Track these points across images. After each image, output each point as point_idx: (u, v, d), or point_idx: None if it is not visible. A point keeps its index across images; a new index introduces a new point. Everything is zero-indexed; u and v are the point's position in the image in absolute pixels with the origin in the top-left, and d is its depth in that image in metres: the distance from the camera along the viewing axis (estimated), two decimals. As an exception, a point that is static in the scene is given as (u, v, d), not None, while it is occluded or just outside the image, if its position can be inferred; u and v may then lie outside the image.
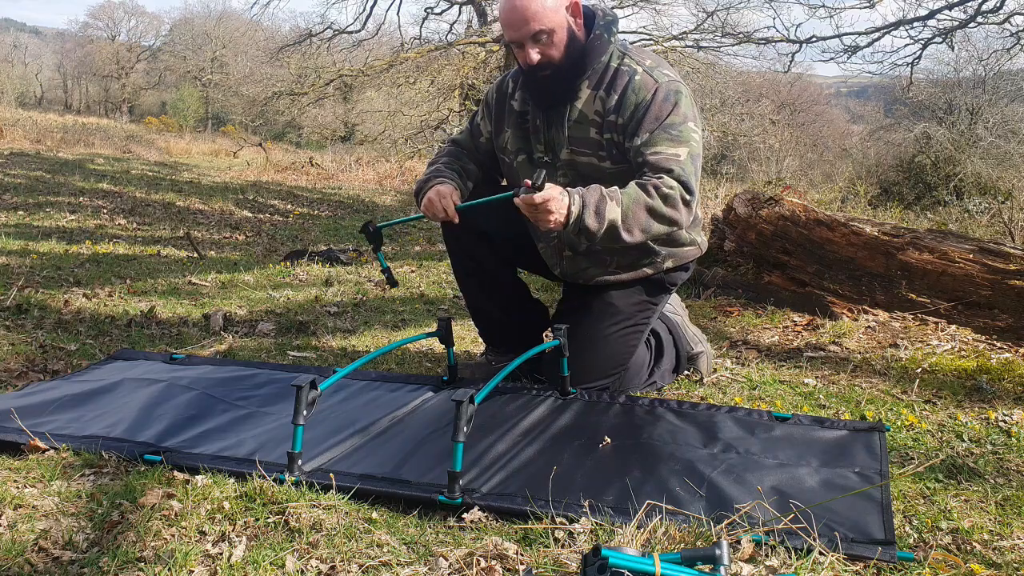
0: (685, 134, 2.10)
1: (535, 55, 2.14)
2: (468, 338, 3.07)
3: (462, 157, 2.46)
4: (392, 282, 2.43)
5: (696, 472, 1.77)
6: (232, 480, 1.69)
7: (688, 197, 2.06)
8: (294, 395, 1.73)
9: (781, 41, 13.13)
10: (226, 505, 1.57)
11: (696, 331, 2.65)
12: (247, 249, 5.60)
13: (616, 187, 2.05)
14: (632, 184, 2.06)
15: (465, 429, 1.64)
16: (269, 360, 2.74)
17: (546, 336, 2.62)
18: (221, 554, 1.42)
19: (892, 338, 3.09)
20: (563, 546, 1.48)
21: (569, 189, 2.01)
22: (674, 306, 2.68)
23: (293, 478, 1.68)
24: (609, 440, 1.93)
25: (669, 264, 2.34)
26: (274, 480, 1.67)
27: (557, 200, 1.95)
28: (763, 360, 2.88)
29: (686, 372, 2.60)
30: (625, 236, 2.03)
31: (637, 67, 2.17)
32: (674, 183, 2.04)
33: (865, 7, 11.25)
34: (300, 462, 1.73)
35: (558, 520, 1.55)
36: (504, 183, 2.51)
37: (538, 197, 1.93)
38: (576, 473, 1.77)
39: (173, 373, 2.41)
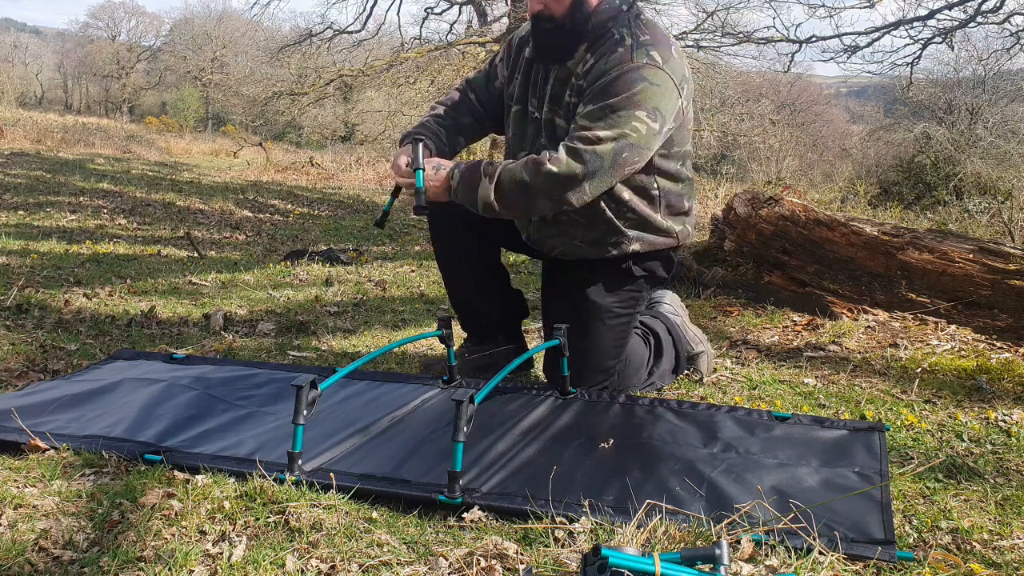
0: (623, 121, 2.01)
1: (537, 4, 2.13)
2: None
3: (460, 109, 2.44)
4: (380, 223, 2.41)
5: (696, 472, 1.77)
6: (232, 480, 1.69)
7: (579, 177, 2.01)
8: (294, 395, 1.73)
9: (781, 41, 13.12)
10: (226, 505, 1.58)
11: (696, 331, 2.64)
12: (247, 249, 5.60)
13: (508, 162, 2.10)
14: (522, 159, 2.07)
15: (465, 429, 1.64)
16: (269, 360, 2.74)
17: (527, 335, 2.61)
18: (221, 554, 1.42)
19: (892, 338, 3.09)
20: (563, 546, 1.48)
21: (454, 164, 2.13)
22: (674, 307, 2.67)
23: (293, 478, 1.68)
24: (611, 441, 1.93)
25: (636, 247, 2.26)
26: (274, 480, 1.67)
27: (443, 169, 2.11)
28: (763, 360, 2.88)
29: (686, 372, 2.60)
30: (503, 212, 2.09)
31: (628, 38, 2.09)
32: (565, 162, 2.01)
33: (865, 7, 11.25)
34: (300, 462, 1.73)
35: (558, 520, 1.55)
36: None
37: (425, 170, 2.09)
38: (576, 473, 1.77)
39: (173, 373, 2.41)
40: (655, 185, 2.22)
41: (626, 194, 2.20)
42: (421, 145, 2.22)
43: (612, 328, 2.30)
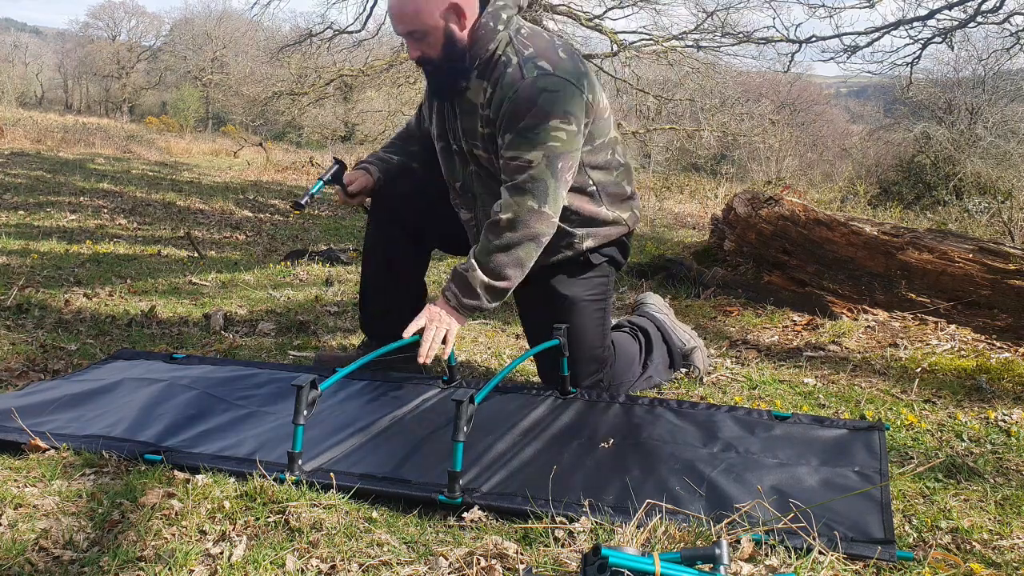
0: (543, 135, 2.05)
1: (415, 52, 2.18)
2: (468, 337, 3.07)
3: (409, 140, 2.53)
4: (299, 206, 2.45)
5: (696, 471, 1.77)
6: (232, 480, 1.70)
7: (535, 206, 2.06)
8: (294, 395, 1.73)
9: (781, 41, 13.11)
10: (226, 504, 1.58)
11: (686, 328, 2.66)
12: (247, 249, 5.61)
13: (473, 249, 2.15)
14: (482, 235, 2.14)
15: (465, 429, 1.64)
16: (269, 360, 2.74)
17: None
18: (221, 553, 1.42)
19: (892, 338, 3.09)
20: (563, 545, 1.48)
21: (441, 298, 2.15)
22: (659, 306, 2.70)
23: (293, 477, 1.68)
24: (611, 441, 1.94)
25: (589, 243, 2.30)
26: (274, 480, 1.67)
27: (439, 319, 2.11)
28: (763, 360, 2.88)
29: (684, 370, 2.61)
30: (505, 284, 2.12)
31: (514, 57, 2.12)
32: (515, 203, 2.06)
33: (865, 7, 11.24)
34: (300, 462, 1.73)
35: (558, 519, 1.55)
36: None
37: (424, 333, 2.08)
38: (576, 473, 1.77)
39: (173, 373, 2.41)
40: (589, 181, 2.25)
41: (567, 198, 2.25)
42: (338, 166, 2.44)
43: (589, 316, 2.33)
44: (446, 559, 1.42)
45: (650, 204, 10.90)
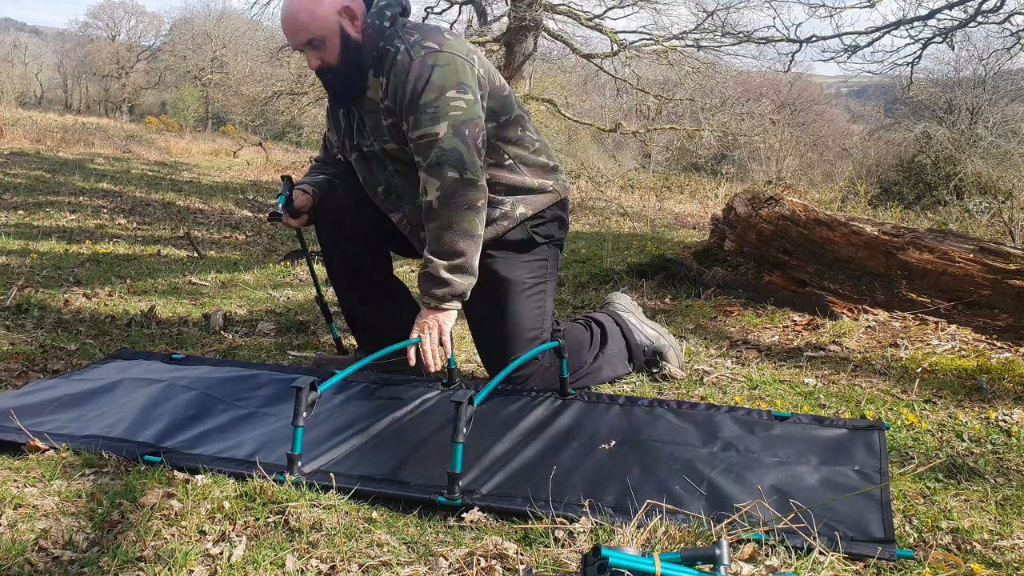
0: (443, 107, 2.10)
1: (314, 61, 2.22)
2: (468, 337, 3.07)
3: (327, 166, 2.60)
4: (275, 217, 2.48)
5: (696, 471, 1.77)
6: (232, 480, 1.69)
7: (455, 175, 2.10)
8: (294, 396, 1.73)
9: (781, 41, 13.11)
10: (226, 505, 1.57)
11: (656, 327, 2.68)
12: (247, 249, 5.60)
13: (427, 247, 2.18)
14: (424, 225, 2.19)
15: (464, 430, 1.64)
16: (269, 360, 2.74)
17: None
18: (221, 554, 1.42)
19: (892, 338, 3.09)
20: (563, 546, 1.48)
21: (421, 307, 2.19)
22: (625, 305, 2.72)
23: (293, 479, 1.68)
24: (612, 443, 1.93)
25: (523, 210, 2.33)
26: (274, 481, 1.67)
27: (427, 326, 2.17)
28: (763, 360, 2.88)
29: (655, 369, 2.61)
30: (463, 258, 2.14)
31: (400, 44, 2.18)
32: (435, 180, 2.11)
33: (865, 7, 11.24)
34: (300, 463, 1.73)
35: (558, 520, 1.55)
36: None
37: (421, 345, 2.16)
38: (576, 473, 1.77)
39: (173, 373, 2.41)
40: (505, 156, 2.31)
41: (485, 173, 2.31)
42: (289, 181, 2.52)
43: (528, 299, 2.36)
44: (446, 559, 1.42)
45: (650, 204, 10.91)
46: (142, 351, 2.70)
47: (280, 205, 2.48)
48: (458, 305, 2.19)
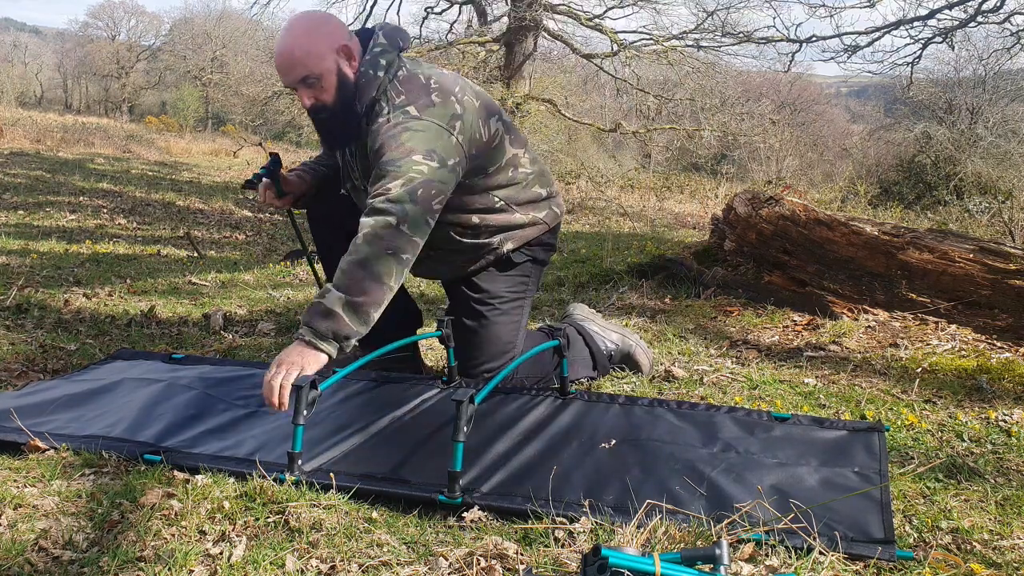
0: (404, 168, 2.03)
1: (308, 100, 2.17)
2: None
3: (323, 158, 2.57)
4: (250, 185, 2.46)
5: (696, 471, 1.77)
6: (232, 480, 1.69)
7: (392, 222, 1.97)
8: (294, 395, 1.73)
9: (781, 41, 13.13)
10: (226, 505, 1.57)
11: (619, 329, 2.70)
12: (247, 249, 5.60)
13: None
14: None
15: (465, 429, 1.64)
16: (269, 360, 2.74)
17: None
18: (221, 554, 1.42)
19: (892, 338, 3.09)
20: (563, 546, 1.48)
21: (299, 333, 1.95)
22: (584, 314, 2.74)
23: (293, 478, 1.68)
24: (612, 442, 1.93)
25: (510, 246, 2.36)
26: (274, 480, 1.67)
27: (288, 362, 1.88)
28: (763, 360, 2.88)
29: (619, 367, 2.65)
30: (364, 299, 1.94)
31: (386, 107, 2.14)
32: (374, 220, 1.99)
33: (865, 7, 11.25)
34: (300, 462, 1.73)
35: (558, 520, 1.55)
36: None
37: (267, 377, 1.86)
38: (576, 473, 1.77)
39: (173, 373, 2.41)
40: (495, 199, 2.30)
41: (475, 218, 2.29)
42: (274, 159, 2.45)
43: (506, 312, 2.38)
44: (446, 559, 1.42)
45: (650, 204, 10.91)
46: (142, 351, 2.70)
47: (261, 175, 2.42)
48: (334, 351, 1.93)
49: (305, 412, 1.73)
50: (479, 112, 2.21)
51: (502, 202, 2.31)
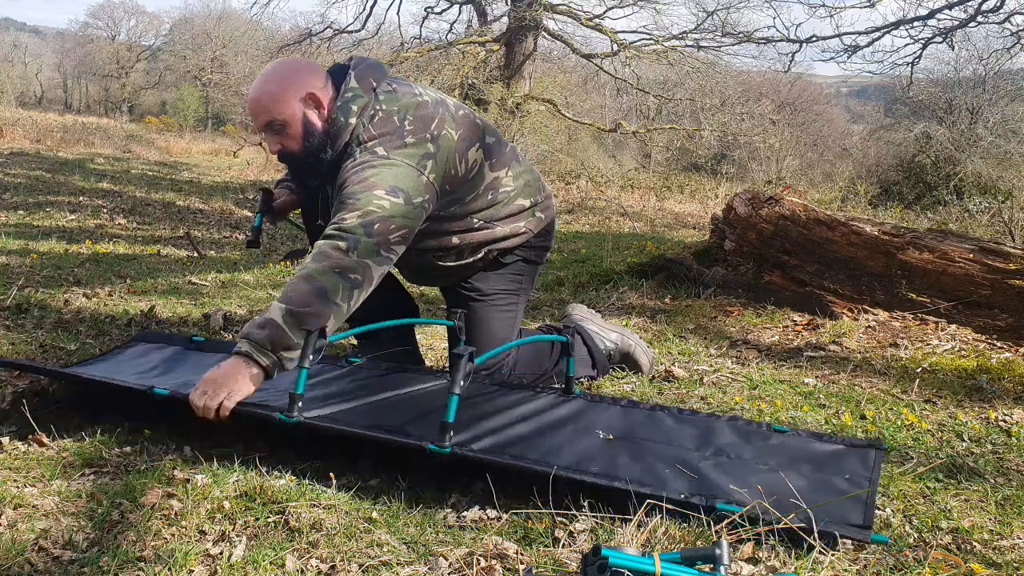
0: (363, 202, 1.99)
1: (274, 145, 2.17)
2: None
3: None
4: (253, 244, 2.48)
5: (686, 463, 1.79)
6: (232, 479, 1.70)
7: (342, 246, 1.93)
8: (304, 339, 1.80)
9: (781, 41, 13.14)
10: (226, 505, 1.58)
11: (618, 329, 2.71)
12: (247, 248, 5.60)
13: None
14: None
15: (462, 383, 1.67)
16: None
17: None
18: (221, 554, 1.42)
19: (892, 338, 3.09)
20: (563, 545, 1.48)
21: (236, 346, 1.90)
22: (582, 314, 2.75)
23: (293, 416, 1.74)
24: (611, 436, 1.95)
25: (495, 255, 2.38)
26: (277, 418, 1.73)
27: (215, 383, 1.81)
28: (763, 360, 2.88)
29: (619, 367, 2.67)
30: (308, 310, 1.87)
31: (356, 148, 2.12)
32: (324, 244, 1.95)
33: (865, 7, 11.25)
34: (300, 404, 1.76)
35: (557, 520, 1.55)
36: None
37: (197, 400, 1.80)
38: (566, 449, 1.82)
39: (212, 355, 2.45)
40: (475, 221, 2.29)
41: (455, 239, 2.29)
42: (265, 194, 2.45)
43: (499, 307, 2.40)
44: (446, 559, 1.42)
45: (650, 204, 10.91)
46: (164, 334, 2.73)
47: (256, 228, 2.45)
48: (271, 364, 1.84)
49: (311, 357, 1.77)
50: (457, 146, 2.18)
51: (481, 222, 2.31)
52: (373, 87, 2.18)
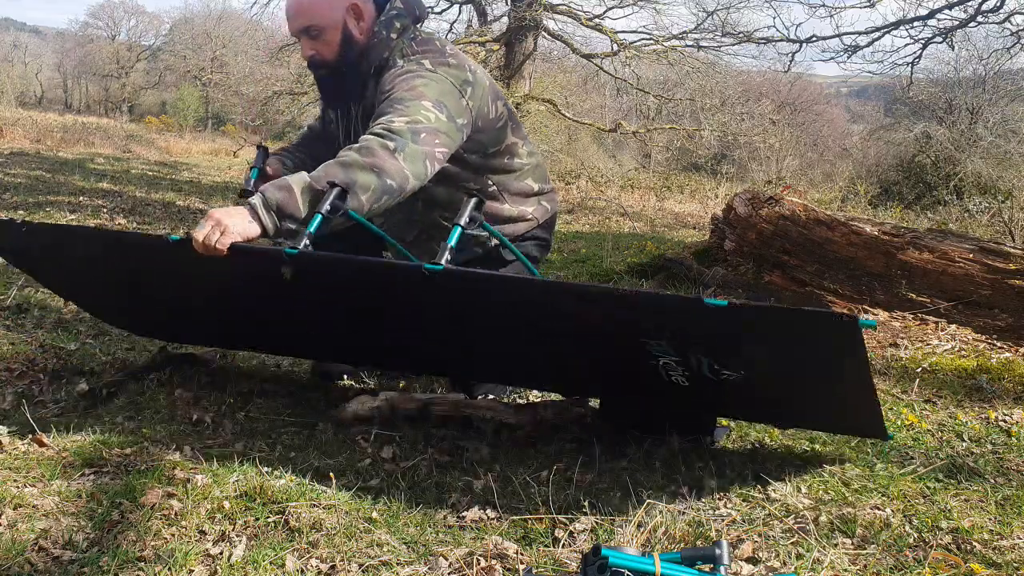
0: (412, 109, 1.96)
1: (308, 51, 2.15)
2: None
3: (314, 141, 2.48)
4: (247, 194, 2.38)
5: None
6: (232, 479, 1.70)
7: (389, 145, 1.88)
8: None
9: (781, 41, 13.13)
10: (226, 505, 1.57)
11: None
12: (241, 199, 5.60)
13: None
14: None
15: (467, 217, 1.77)
16: (269, 359, 2.74)
17: None
18: (221, 553, 1.42)
19: (892, 338, 3.09)
20: (563, 545, 1.48)
21: (251, 200, 1.87)
22: None
23: (296, 248, 1.74)
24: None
25: (496, 241, 2.32)
26: (284, 254, 1.74)
27: (217, 220, 1.79)
28: (763, 360, 2.88)
29: None
30: (327, 190, 1.82)
31: (401, 60, 2.11)
32: (370, 139, 1.90)
33: (865, 7, 11.25)
34: (308, 243, 1.77)
35: (558, 519, 1.55)
36: None
37: (197, 234, 1.77)
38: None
39: None
40: (489, 182, 2.28)
41: (466, 197, 2.25)
42: (263, 151, 2.40)
43: None
44: (446, 559, 1.42)
45: (650, 204, 10.91)
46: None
47: (252, 180, 2.38)
48: (271, 226, 1.83)
49: (328, 208, 1.76)
50: (489, 90, 2.21)
51: (494, 187, 2.29)
52: (416, 15, 2.20)
